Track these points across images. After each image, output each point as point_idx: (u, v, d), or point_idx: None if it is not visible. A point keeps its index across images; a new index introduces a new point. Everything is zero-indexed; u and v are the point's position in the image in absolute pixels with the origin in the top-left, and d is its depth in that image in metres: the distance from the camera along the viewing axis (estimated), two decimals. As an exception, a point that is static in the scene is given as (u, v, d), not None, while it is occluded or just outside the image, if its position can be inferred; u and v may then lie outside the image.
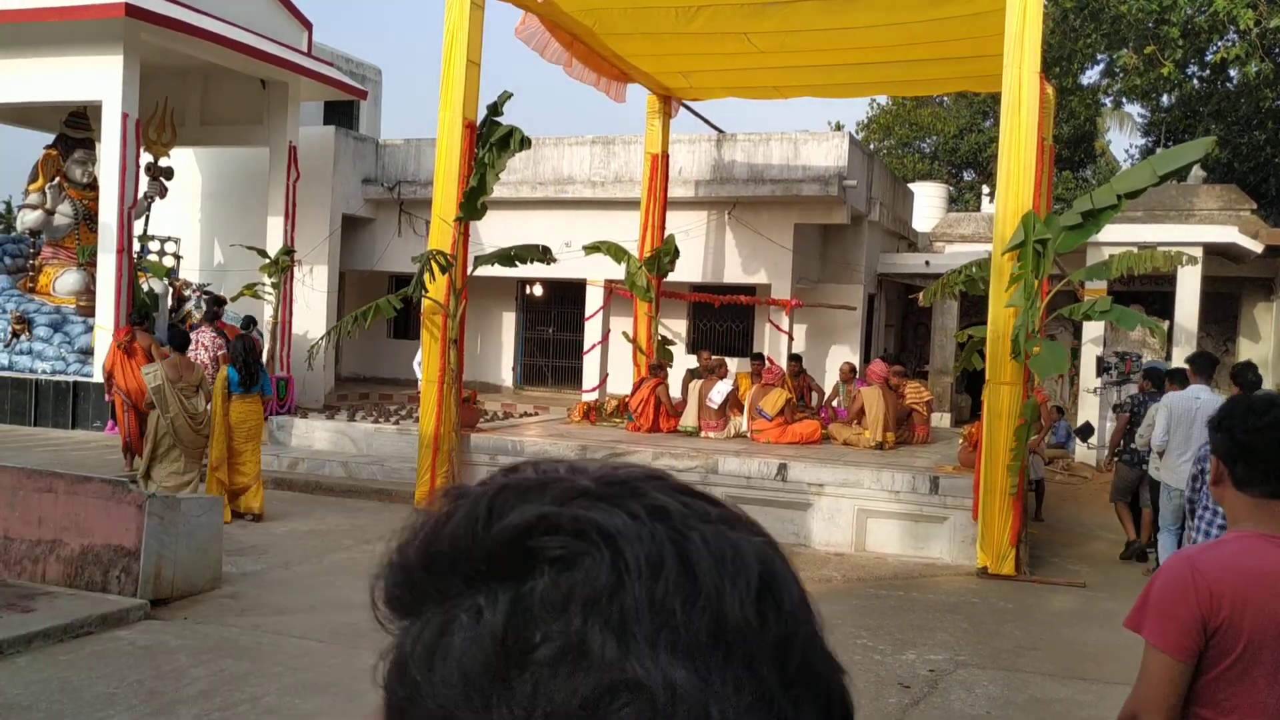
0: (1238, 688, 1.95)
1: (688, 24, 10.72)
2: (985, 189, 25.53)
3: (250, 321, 12.71)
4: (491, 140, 9.87)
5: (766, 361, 12.83)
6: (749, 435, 11.09)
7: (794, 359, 13.91)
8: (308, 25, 16.89)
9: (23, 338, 14.40)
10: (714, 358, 12.47)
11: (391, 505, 10.28)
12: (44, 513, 6.81)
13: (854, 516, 9.13)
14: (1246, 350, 17.54)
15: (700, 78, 13.19)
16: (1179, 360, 13.85)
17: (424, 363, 10.40)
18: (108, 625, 5.99)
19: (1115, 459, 9.65)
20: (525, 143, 9.90)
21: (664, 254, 13.41)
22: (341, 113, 19.51)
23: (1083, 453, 14.68)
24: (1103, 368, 14.27)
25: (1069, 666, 6.25)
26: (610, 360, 16.36)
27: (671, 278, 14.09)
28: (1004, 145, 8.62)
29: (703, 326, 18.04)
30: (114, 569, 6.53)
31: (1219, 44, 17.64)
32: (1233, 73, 18.58)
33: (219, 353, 12.71)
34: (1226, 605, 1.94)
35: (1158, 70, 17.47)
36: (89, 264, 14.89)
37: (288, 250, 15.78)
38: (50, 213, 15.38)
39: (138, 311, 12.55)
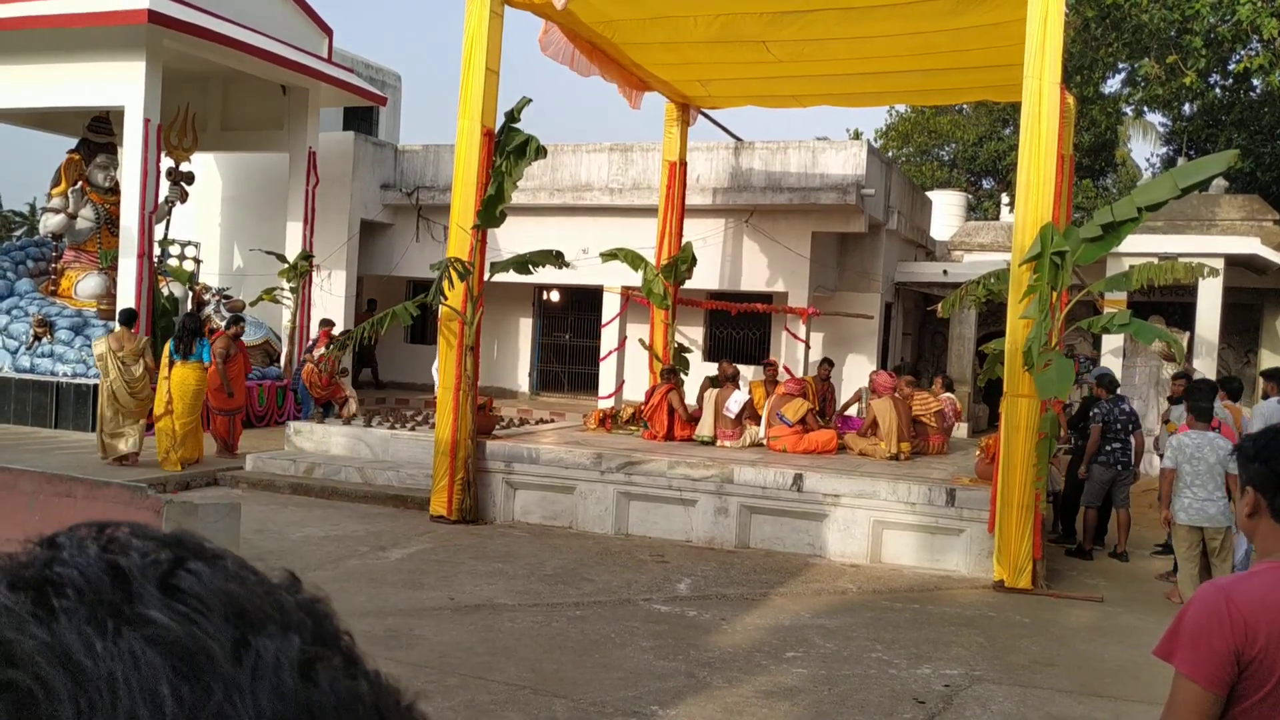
0: None
1: (706, 34, 10.72)
2: (1005, 197, 25.41)
3: (237, 319, 12.98)
4: (509, 148, 9.90)
5: (784, 370, 12.79)
6: (765, 442, 11.06)
7: (826, 362, 13.89)
8: (328, 31, 16.98)
9: (44, 340, 14.51)
10: (731, 366, 12.47)
11: (407, 511, 10.31)
12: (63, 518, 6.85)
13: (870, 528, 9.09)
14: (1269, 362, 17.37)
15: (719, 86, 13.19)
16: (1199, 371, 13.75)
17: (440, 369, 10.43)
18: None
19: (1091, 463, 9.86)
20: (541, 152, 9.93)
21: (681, 261, 13.40)
22: (361, 118, 19.61)
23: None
24: None
25: (1086, 683, 6.19)
26: (627, 367, 16.37)
27: (688, 285, 14.08)
28: (1023, 156, 8.57)
29: (719, 334, 18.01)
30: (131, 574, 6.56)
31: (1242, 53, 17.50)
32: (1256, 82, 18.42)
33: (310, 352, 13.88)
34: (1262, 637, 1.91)
35: (1180, 79, 17.35)
36: (110, 268, 15.01)
37: (306, 255, 15.87)
38: (72, 217, 15.52)
39: (235, 316, 12.99)
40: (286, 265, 15.67)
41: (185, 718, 0.38)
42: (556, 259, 10.59)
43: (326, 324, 14.53)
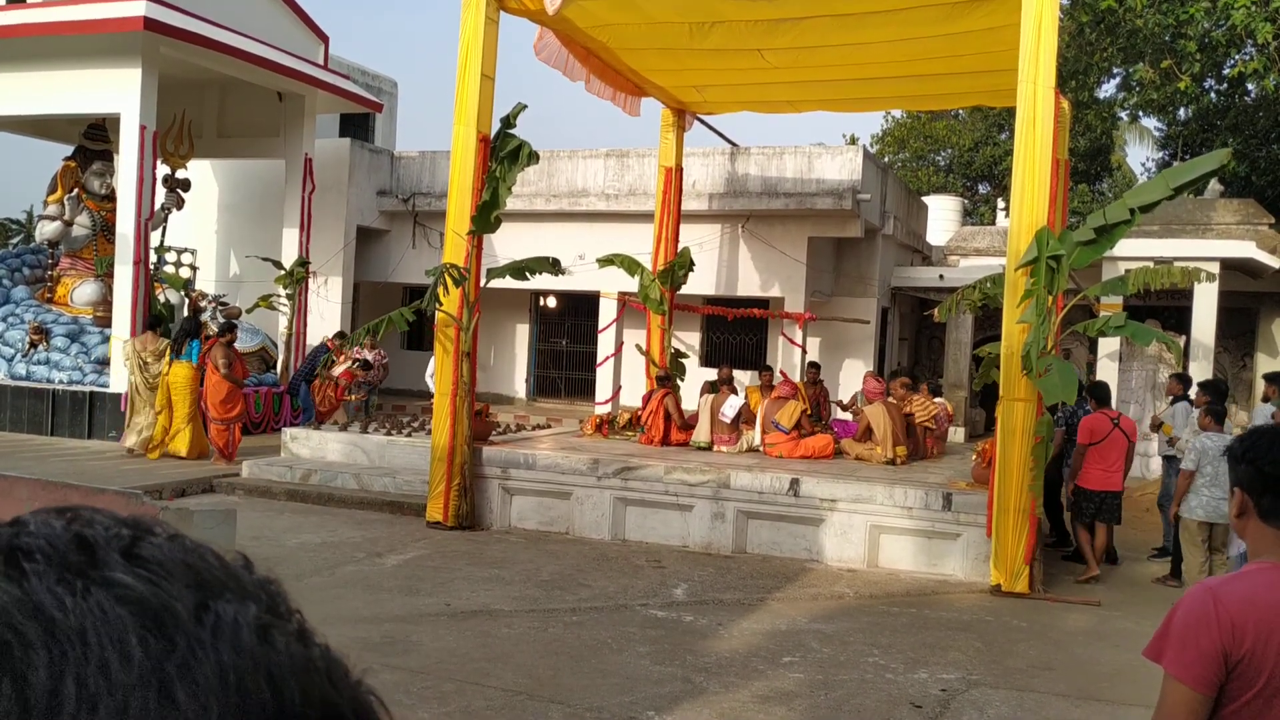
0: None
1: (701, 41, 10.74)
2: (1000, 202, 25.45)
3: (230, 328, 13.06)
4: (502, 154, 9.90)
5: (780, 375, 12.80)
6: (762, 449, 11.06)
7: (813, 366, 13.88)
8: (324, 38, 17.00)
9: (40, 348, 14.50)
10: (727, 371, 12.48)
11: (403, 518, 10.29)
12: (58, 524, 6.82)
13: (866, 532, 9.08)
14: (1265, 365, 17.39)
15: (714, 92, 13.21)
16: (1195, 375, 13.76)
17: (437, 375, 10.42)
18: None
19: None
20: (533, 157, 9.93)
21: (678, 267, 13.41)
22: (357, 125, 19.62)
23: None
24: None
25: (1083, 687, 6.19)
26: (623, 373, 16.36)
27: (685, 290, 14.09)
28: (1018, 160, 8.58)
29: (716, 339, 18.02)
30: (126, 581, 6.55)
31: (1237, 58, 17.53)
32: (1250, 86, 18.45)
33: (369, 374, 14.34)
34: (1249, 638, 1.91)
35: (1175, 84, 17.38)
36: (107, 275, 15.00)
37: (303, 262, 15.86)
38: (69, 224, 15.51)
39: (228, 322, 13.32)
40: (283, 272, 15.66)
41: (153, 666, 0.40)
42: (553, 266, 10.59)
43: (342, 336, 14.59)
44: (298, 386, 15.03)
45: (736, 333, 17.64)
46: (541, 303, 19.40)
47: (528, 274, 10.60)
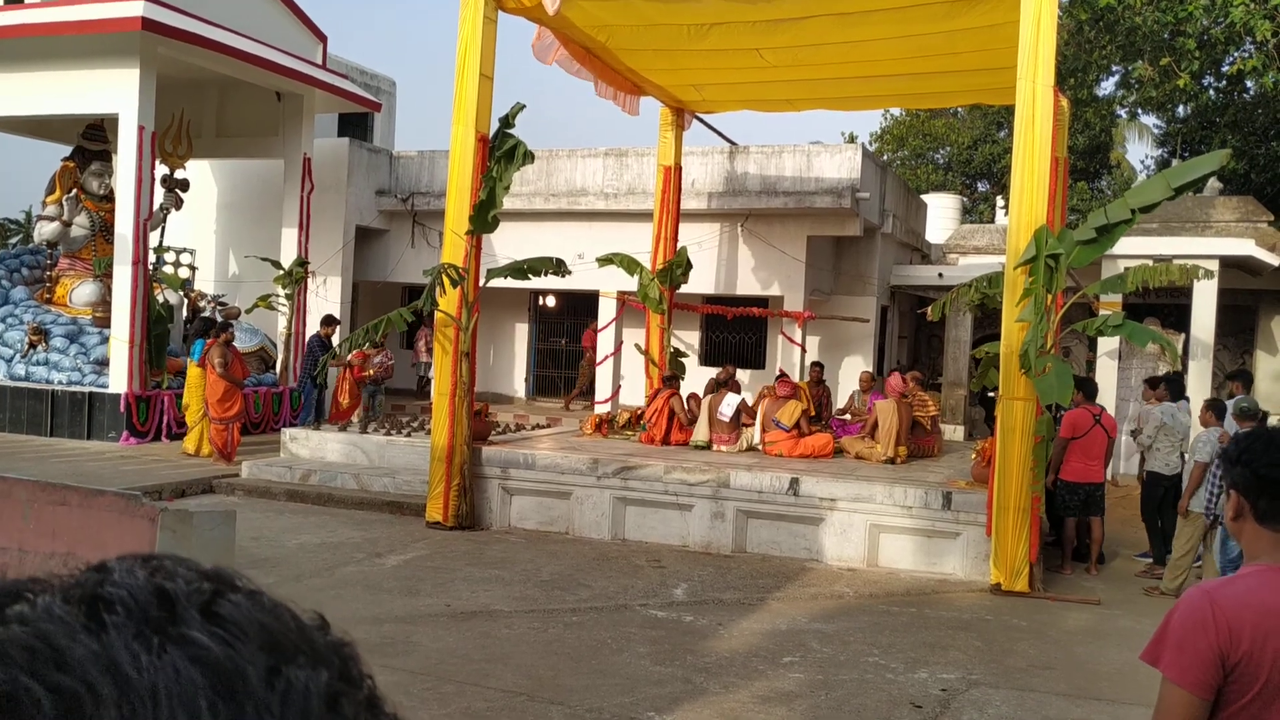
0: None
1: (699, 41, 10.74)
2: (1000, 200, 25.44)
3: (225, 326, 13.12)
4: (499, 154, 9.90)
5: (778, 371, 12.80)
6: (761, 447, 11.05)
7: (816, 366, 13.84)
8: (322, 38, 16.98)
9: (39, 348, 14.48)
10: (725, 371, 12.47)
11: (403, 518, 10.29)
12: (58, 525, 6.82)
13: (866, 532, 9.08)
14: (1264, 363, 17.41)
15: (713, 91, 13.20)
16: (1195, 372, 13.77)
17: (435, 375, 10.41)
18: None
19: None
20: (529, 157, 9.92)
21: (677, 266, 13.40)
22: (356, 124, 19.60)
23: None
24: None
25: (1083, 686, 6.19)
26: (623, 372, 16.36)
27: (684, 289, 14.08)
28: (1017, 159, 8.58)
29: (715, 338, 18.01)
30: (126, 582, 6.54)
31: (1235, 55, 17.53)
32: (1249, 84, 18.46)
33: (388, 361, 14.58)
34: (1246, 640, 1.91)
35: (1174, 81, 17.38)
36: (105, 275, 14.98)
37: (302, 261, 15.85)
38: (67, 224, 15.49)
39: (223, 322, 13.46)
40: (282, 272, 15.65)
41: None
42: (556, 267, 10.57)
43: (332, 321, 14.74)
44: (304, 384, 15.03)
45: (736, 332, 17.63)
46: (540, 302, 19.39)
47: (530, 274, 10.59)
